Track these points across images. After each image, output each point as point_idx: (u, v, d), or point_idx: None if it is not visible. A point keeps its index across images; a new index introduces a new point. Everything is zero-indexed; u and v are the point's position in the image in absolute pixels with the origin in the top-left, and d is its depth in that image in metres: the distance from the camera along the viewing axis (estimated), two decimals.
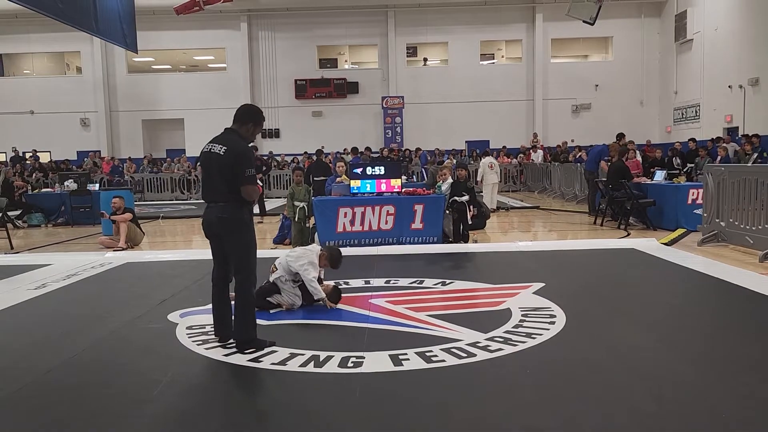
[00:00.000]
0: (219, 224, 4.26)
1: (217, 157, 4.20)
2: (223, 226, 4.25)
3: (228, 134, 4.35)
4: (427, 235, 9.26)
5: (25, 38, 24.60)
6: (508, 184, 20.96)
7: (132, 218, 9.95)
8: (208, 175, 4.30)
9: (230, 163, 4.16)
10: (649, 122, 24.56)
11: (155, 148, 26.22)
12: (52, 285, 6.82)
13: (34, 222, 13.71)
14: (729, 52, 19.56)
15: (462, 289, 6.22)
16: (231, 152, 4.18)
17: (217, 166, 4.20)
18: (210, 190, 4.31)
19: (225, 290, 4.47)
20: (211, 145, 4.30)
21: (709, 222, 8.71)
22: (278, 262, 5.51)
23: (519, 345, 4.28)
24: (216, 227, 4.29)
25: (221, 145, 4.24)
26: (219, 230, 4.28)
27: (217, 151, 4.22)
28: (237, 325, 4.32)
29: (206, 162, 4.29)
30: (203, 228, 4.42)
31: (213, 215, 4.27)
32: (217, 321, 4.50)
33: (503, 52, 26.77)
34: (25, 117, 25.23)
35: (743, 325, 4.87)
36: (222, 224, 4.24)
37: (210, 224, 4.32)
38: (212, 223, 4.29)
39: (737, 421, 3.07)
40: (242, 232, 4.27)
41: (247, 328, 4.31)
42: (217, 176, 4.22)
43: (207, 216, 4.34)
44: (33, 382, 3.84)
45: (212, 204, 4.30)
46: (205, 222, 4.36)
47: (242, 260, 4.28)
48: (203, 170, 4.38)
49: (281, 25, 25.06)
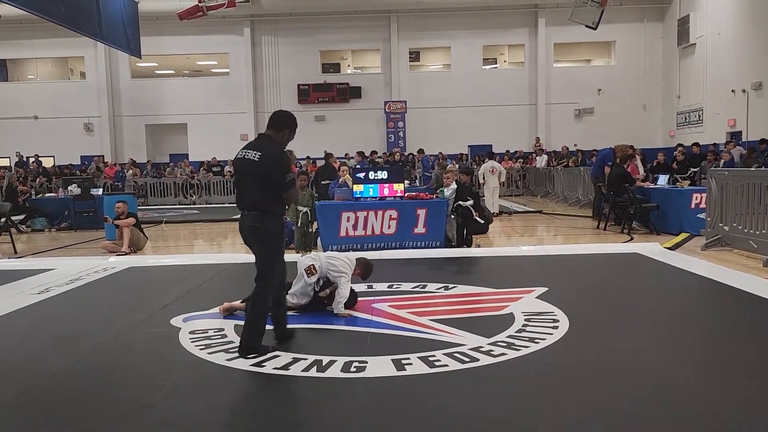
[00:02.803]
0: (250, 233, 4.27)
1: (251, 164, 4.16)
2: (253, 235, 4.26)
3: (262, 140, 4.32)
4: (430, 239, 9.26)
5: (29, 43, 24.71)
6: (511, 188, 20.96)
7: (135, 223, 9.97)
8: (242, 182, 4.29)
9: (266, 169, 4.12)
10: (652, 127, 24.54)
11: (158, 153, 26.32)
12: (56, 289, 6.83)
13: (37, 226, 13.74)
14: (732, 56, 19.55)
15: (465, 293, 6.21)
16: (266, 158, 4.13)
17: (252, 172, 4.17)
18: (243, 198, 4.30)
19: (282, 293, 4.55)
20: (245, 152, 4.24)
21: (713, 226, 8.69)
22: (317, 266, 5.40)
23: (522, 350, 4.27)
24: (248, 236, 4.31)
25: (255, 150, 4.19)
26: (251, 239, 4.30)
27: (251, 157, 4.17)
28: (245, 330, 4.31)
29: (240, 169, 4.28)
30: (240, 233, 4.45)
31: (246, 224, 4.28)
32: (273, 322, 4.54)
33: (506, 57, 26.80)
34: (29, 122, 25.32)
35: (747, 329, 4.85)
36: (252, 233, 4.26)
37: (244, 233, 4.35)
38: (247, 230, 4.31)
39: (741, 426, 3.06)
40: (270, 242, 4.26)
41: (254, 335, 4.28)
42: (251, 183, 4.19)
43: (241, 225, 4.35)
44: (36, 386, 3.84)
45: (245, 212, 4.30)
46: (240, 230, 4.38)
47: (264, 269, 4.26)
48: (237, 177, 4.39)
49: (284, 30, 25.13)
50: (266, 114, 25.30)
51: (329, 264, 5.42)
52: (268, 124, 4.36)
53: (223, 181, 21.28)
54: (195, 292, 6.62)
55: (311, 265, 5.38)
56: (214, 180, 21.36)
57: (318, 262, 5.42)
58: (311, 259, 5.49)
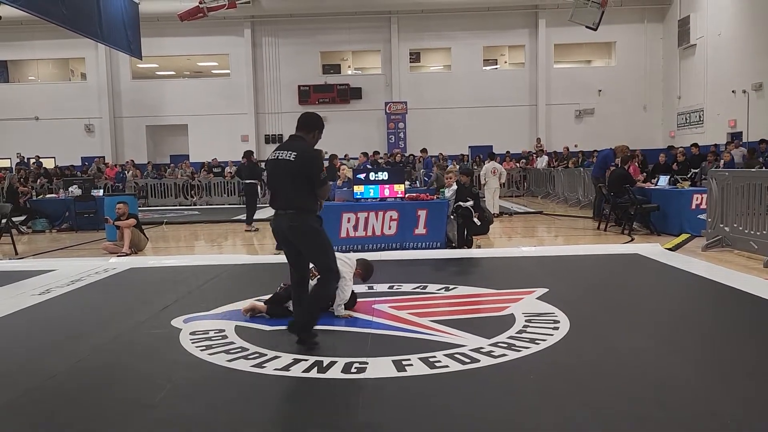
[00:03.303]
0: (291, 232, 4.32)
1: (286, 164, 4.27)
2: (296, 234, 4.32)
3: (295, 141, 4.43)
4: (431, 240, 9.26)
5: (29, 45, 24.74)
6: (511, 189, 20.96)
7: (136, 224, 9.97)
8: (278, 183, 4.37)
9: (301, 168, 4.25)
10: (652, 127, 24.54)
11: (159, 154, 26.34)
12: (57, 290, 6.83)
13: (38, 228, 13.76)
14: (732, 57, 19.55)
15: (465, 294, 6.21)
16: (301, 157, 4.27)
17: (288, 172, 4.26)
18: (279, 198, 4.37)
19: (304, 293, 4.55)
20: (278, 153, 4.37)
21: (713, 227, 8.69)
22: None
23: (523, 350, 4.27)
24: (293, 235, 4.34)
25: (290, 151, 4.31)
26: (292, 239, 4.34)
27: (286, 157, 4.29)
28: (306, 311, 4.43)
29: (274, 169, 4.37)
30: (276, 234, 4.52)
31: (284, 224, 4.32)
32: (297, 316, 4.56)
33: (506, 58, 26.82)
34: (30, 123, 25.35)
35: (747, 330, 4.85)
36: (294, 232, 4.31)
37: (282, 232, 4.38)
38: (284, 231, 4.35)
39: (741, 426, 3.06)
40: (315, 237, 4.37)
41: (311, 318, 4.44)
42: (287, 183, 4.29)
43: (278, 224, 4.39)
44: (37, 387, 3.85)
45: (281, 212, 4.34)
46: (277, 230, 4.43)
47: (322, 262, 4.43)
48: (271, 178, 4.45)
49: (285, 31, 25.15)
50: (267, 115, 25.49)
51: None
52: (298, 126, 4.50)
53: (224, 182, 21.30)
54: (196, 293, 6.63)
55: (312, 268, 5.37)
56: (214, 181, 21.37)
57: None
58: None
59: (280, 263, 8.15)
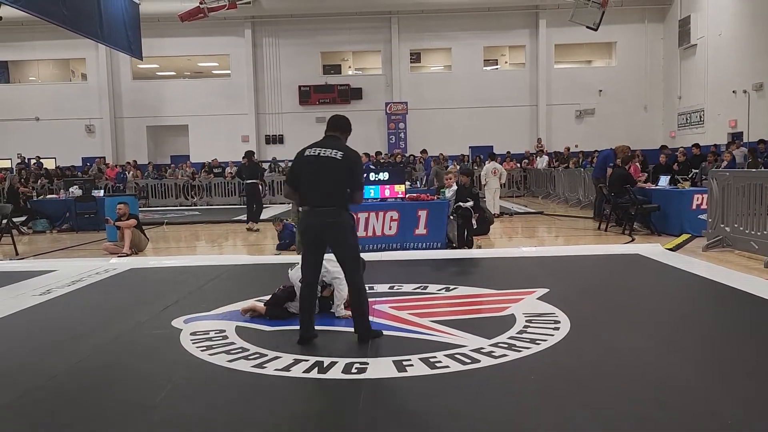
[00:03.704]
0: (331, 229, 4.32)
1: (333, 162, 4.29)
2: (335, 231, 4.33)
3: (335, 141, 4.47)
4: (431, 240, 9.26)
5: (30, 45, 24.76)
6: (512, 189, 20.95)
7: (136, 224, 9.98)
8: (318, 179, 4.33)
9: (348, 169, 4.30)
10: (653, 127, 24.51)
11: (160, 155, 26.35)
12: (57, 291, 6.84)
13: (39, 228, 13.76)
14: (733, 57, 19.55)
15: (466, 294, 6.21)
16: (349, 158, 4.34)
17: (333, 169, 4.29)
18: (319, 194, 4.34)
19: (315, 295, 4.59)
20: (318, 150, 4.37)
21: (714, 227, 8.69)
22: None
23: (523, 351, 4.27)
24: (328, 232, 4.34)
25: (335, 150, 4.33)
26: (330, 234, 4.34)
27: (331, 155, 4.31)
28: (366, 318, 4.49)
29: (315, 165, 4.34)
30: (307, 232, 4.45)
31: (323, 219, 4.31)
32: (306, 324, 4.53)
33: (506, 58, 26.81)
34: (31, 123, 25.37)
35: (748, 330, 4.85)
36: (333, 228, 4.32)
37: (319, 228, 4.35)
38: (323, 227, 4.33)
39: (741, 426, 3.06)
40: (353, 234, 4.43)
41: (368, 320, 4.54)
42: (329, 179, 4.29)
43: (314, 220, 4.36)
44: (37, 387, 3.85)
45: (319, 208, 4.32)
46: (313, 226, 4.38)
47: (356, 261, 4.45)
48: (308, 174, 4.38)
49: (285, 31, 25.16)
50: (267, 115, 25.52)
51: (324, 268, 5.40)
52: (334, 126, 4.57)
53: (224, 182, 21.31)
54: (196, 293, 6.63)
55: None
56: (215, 181, 21.38)
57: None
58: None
59: (281, 263, 8.15)
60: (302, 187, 4.46)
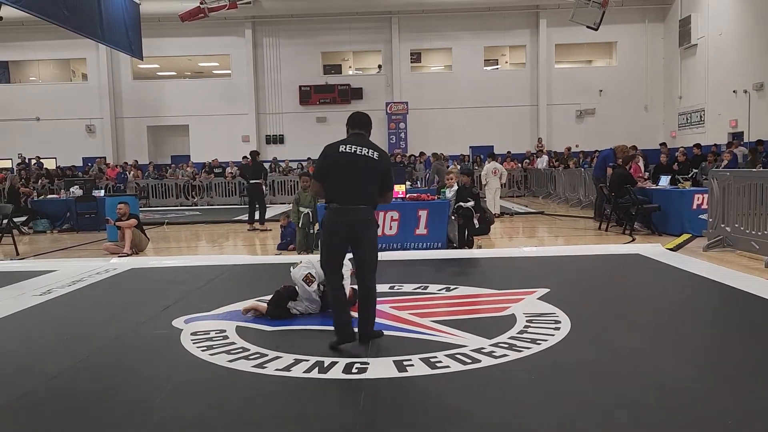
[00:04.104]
0: (365, 226, 4.31)
1: (370, 161, 4.28)
2: (368, 228, 4.33)
3: (367, 140, 4.45)
4: (432, 240, 9.25)
5: (31, 45, 24.76)
6: (512, 189, 20.95)
7: (137, 224, 9.98)
8: (354, 177, 4.27)
9: (384, 170, 4.33)
10: (653, 127, 24.48)
11: (160, 155, 26.34)
12: (58, 291, 6.84)
13: (39, 228, 13.76)
14: (733, 57, 19.54)
15: (466, 294, 6.20)
16: (385, 158, 4.39)
17: (370, 170, 4.28)
18: (355, 192, 4.27)
19: (345, 293, 4.53)
20: (354, 147, 4.30)
21: (715, 227, 8.68)
22: (315, 273, 5.37)
23: (524, 351, 4.27)
24: (358, 230, 4.30)
25: (371, 149, 4.32)
26: (363, 232, 4.31)
27: (368, 154, 4.29)
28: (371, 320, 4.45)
29: (352, 163, 4.27)
30: (335, 230, 4.33)
31: (359, 217, 4.27)
32: (344, 325, 4.39)
33: (507, 58, 26.80)
34: (31, 124, 25.37)
35: (749, 330, 4.84)
36: (367, 226, 4.32)
37: (354, 225, 4.29)
38: (354, 225, 4.28)
39: (742, 427, 3.05)
40: (376, 235, 4.44)
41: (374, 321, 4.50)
42: (364, 178, 4.28)
43: (348, 217, 4.27)
44: (37, 388, 3.85)
45: (354, 206, 4.27)
46: (347, 223, 4.28)
47: (376, 260, 4.43)
48: (343, 171, 4.28)
49: (285, 31, 25.16)
50: (268, 115, 25.52)
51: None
52: (358, 124, 4.49)
53: (225, 182, 21.31)
54: (196, 293, 6.63)
55: (308, 274, 5.38)
56: (215, 181, 21.39)
57: (313, 269, 5.41)
58: (305, 267, 5.45)
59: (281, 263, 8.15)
60: (333, 184, 4.32)
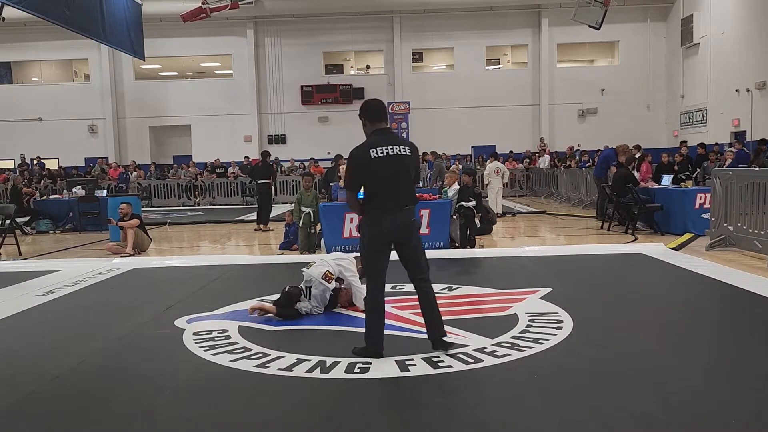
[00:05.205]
0: (411, 228, 4.13)
1: (404, 159, 4.04)
2: (414, 230, 4.17)
3: (393, 135, 4.23)
4: (434, 240, 9.24)
5: (33, 46, 24.81)
6: (515, 188, 20.93)
7: (139, 224, 9.99)
8: (396, 179, 4.04)
9: (415, 161, 4.14)
10: (656, 126, 24.48)
11: (162, 155, 26.36)
12: (60, 291, 6.85)
13: (42, 228, 13.78)
14: (736, 55, 19.51)
15: (468, 294, 6.20)
16: (415, 150, 4.16)
17: (405, 167, 4.07)
18: (398, 196, 4.06)
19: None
20: (388, 148, 4.02)
21: (717, 226, 8.66)
22: (332, 270, 5.41)
23: (526, 350, 4.26)
24: (408, 232, 4.14)
25: (401, 145, 4.07)
26: (410, 235, 4.15)
27: (400, 152, 4.03)
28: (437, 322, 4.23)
29: (387, 167, 4.02)
30: (385, 235, 4.12)
31: (407, 220, 4.10)
32: (380, 335, 4.24)
33: (509, 57, 26.78)
34: (34, 124, 25.41)
35: (752, 330, 4.83)
36: (413, 228, 4.14)
37: (401, 229, 4.11)
38: (405, 227, 4.11)
39: (745, 428, 3.05)
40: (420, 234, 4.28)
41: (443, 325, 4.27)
42: (405, 179, 4.08)
43: (397, 222, 4.07)
44: (40, 388, 3.85)
45: (400, 210, 4.07)
46: (395, 228, 4.09)
47: (425, 260, 4.29)
48: (382, 178, 4.04)
49: (287, 31, 25.17)
50: (269, 115, 25.52)
51: (339, 266, 5.48)
52: (378, 115, 4.20)
53: (227, 182, 21.32)
54: (199, 293, 6.63)
55: (327, 271, 5.39)
56: (218, 181, 21.40)
57: (330, 266, 5.44)
58: (322, 265, 5.48)
59: (283, 263, 8.15)
60: (374, 191, 4.08)
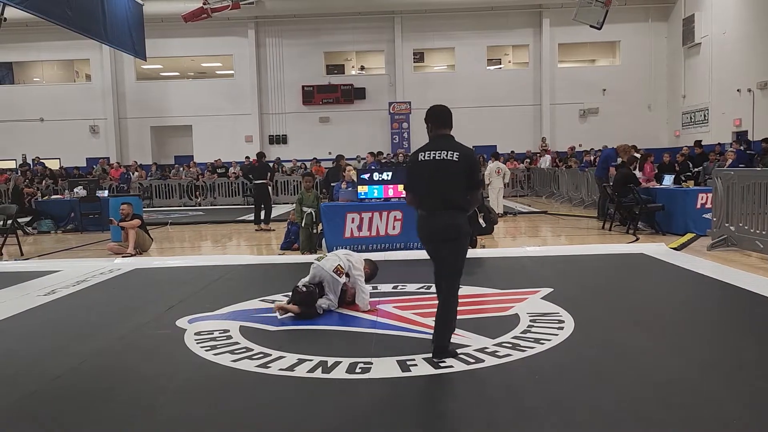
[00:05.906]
0: (444, 232, 4.16)
1: (452, 164, 4.14)
2: (450, 233, 4.17)
3: (450, 141, 4.30)
4: None
5: (34, 46, 24.83)
6: (516, 189, 20.93)
7: (140, 224, 9.99)
8: (437, 182, 4.17)
9: (466, 170, 4.16)
10: (657, 126, 24.47)
11: (163, 155, 26.38)
12: (62, 291, 6.86)
13: (43, 229, 13.80)
14: (737, 55, 19.49)
15: (470, 294, 6.19)
16: (466, 158, 4.18)
17: (450, 173, 4.14)
18: (439, 198, 4.16)
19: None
20: (433, 153, 4.21)
21: (719, 226, 8.66)
22: (343, 264, 5.47)
23: (527, 351, 4.27)
24: (440, 235, 4.17)
25: (451, 151, 4.18)
26: (441, 238, 4.18)
27: (448, 157, 4.15)
28: (441, 331, 4.23)
29: (429, 170, 4.19)
30: (423, 236, 4.27)
31: (440, 222, 4.15)
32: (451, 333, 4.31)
33: (510, 57, 26.76)
34: (35, 124, 25.44)
35: (753, 329, 4.83)
36: (449, 231, 4.16)
37: (435, 232, 4.19)
38: (438, 230, 4.17)
39: (746, 427, 3.04)
40: (465, 240, 4.27)
41: (449, 336, 4.26)
42: (448, 182, 4.15)
43: (432, 224, 4.18)
44: (41, 388, 3.86)
45: (436, 213, 4.17)
46: (430, 230, 4.20)
47: (458, 266, 4.26)
48: (424, 179, 4.22)
49: (288, 31, 25.18)
50: (271, 115, 25.52)
51: (349, 261, 5.56)
52: (441, 122, 4.38)
53: (228, 182, 21.33)
54: (200, 293, 6.64)
55: (338, 265, 5.46)
56: (219, 182, 21.41)
57: (340, 260, 5.52)
58: (334, 259, 5.53)
59: (284, 263, 8.15)
60: (418, 192, 4.29)
